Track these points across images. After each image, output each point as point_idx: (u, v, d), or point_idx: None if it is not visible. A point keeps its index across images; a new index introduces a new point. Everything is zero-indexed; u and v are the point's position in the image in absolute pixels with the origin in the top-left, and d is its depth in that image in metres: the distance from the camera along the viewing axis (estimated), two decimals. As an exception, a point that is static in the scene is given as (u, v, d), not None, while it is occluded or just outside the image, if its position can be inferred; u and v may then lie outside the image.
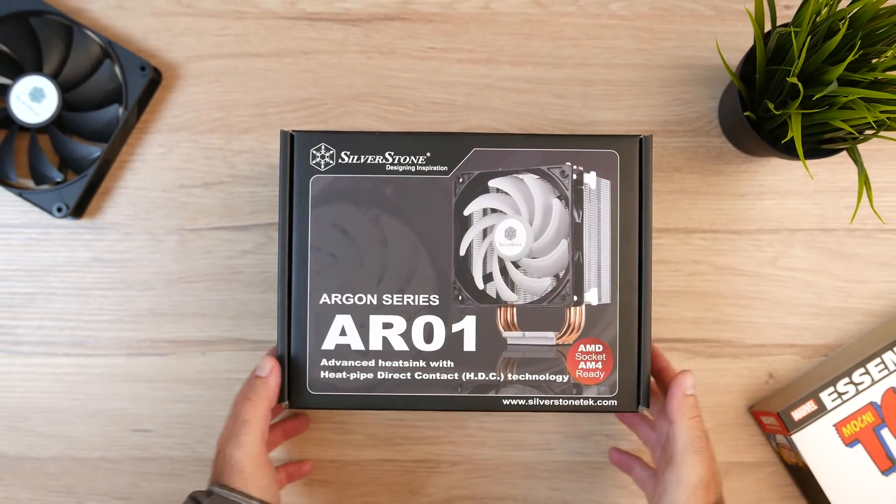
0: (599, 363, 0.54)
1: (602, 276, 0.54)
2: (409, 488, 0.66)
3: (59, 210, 0.64)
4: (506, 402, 0.53)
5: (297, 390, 0.54)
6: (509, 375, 0.54)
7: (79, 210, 0.65)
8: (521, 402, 0.53)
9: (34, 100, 0.64)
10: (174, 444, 0.66)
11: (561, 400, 0.54)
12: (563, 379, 0.54)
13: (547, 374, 0.54)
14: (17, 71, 0.65)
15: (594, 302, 0.54)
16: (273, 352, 0.55)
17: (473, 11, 0.67)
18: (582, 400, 0.54)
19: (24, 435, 0.66)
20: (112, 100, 0.65)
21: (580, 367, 0.54)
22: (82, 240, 0.66)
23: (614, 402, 0.54)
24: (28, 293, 0.66)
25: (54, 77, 0.65)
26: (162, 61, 0.67)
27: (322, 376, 0.54)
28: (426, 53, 0.67)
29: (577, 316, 0.54)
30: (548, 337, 0.54)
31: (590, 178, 0.54)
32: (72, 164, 0.65)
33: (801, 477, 0.63)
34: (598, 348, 0.54)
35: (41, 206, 0.64)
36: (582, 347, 0.54)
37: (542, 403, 0.53)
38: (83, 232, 0.66)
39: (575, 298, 0.54)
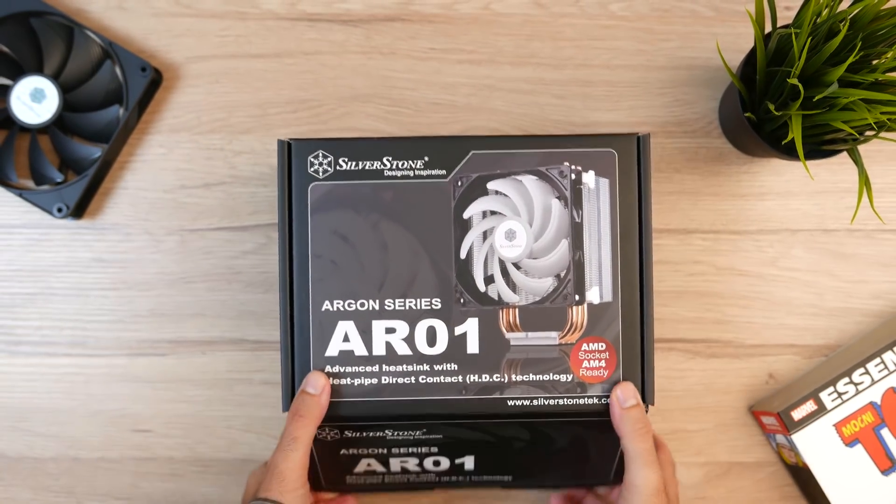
0: (603, 361, 0.54)
1: (603, 274, 0.54)
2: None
3: (60, 210, 0.64)
4: (511, 403, 0.53)
5: None
6: (513, 376, 0.53)
7: (79, 210, 0.65)
8: (526, 402, 0.53)
9: (35, 100, 0.64)
10: (174, 444, 0.66)
11: (566, 399, 0.53)
12: (567, 378, 0.53)
13: (551, 374, 0.53)
14: (17, 71, 0.65)
15: (596, 300, 0.54)
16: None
17: (474, 12, 0.67)
18: (587, 399, 0.53)
19: (24, 435, 0.66)
20: (113, 100, 0.65)
21: (583, 365, 0.53)
22: (82, 240, 0.66)
23: None
24: (28, 293, 0.66)
25: (55, 78, 0.65)
26: (162, 62, 0.67)
27: None
28: (427, 54, 0.67)
29: (579, 315, 0.54)
30: (550, 337, 0.54)
31: (588, 178, 0.54)
32: (72, 164, 0.65)
33: (801, 477, 0.63)
34: (601, 346, 0.54)
35: (41, 207, 0.64)
36: (585, 346, 0.54)
37: (547, 404, 0.53)
38: (83, 232, 0.66)
39: (577, 297, 0.54)
